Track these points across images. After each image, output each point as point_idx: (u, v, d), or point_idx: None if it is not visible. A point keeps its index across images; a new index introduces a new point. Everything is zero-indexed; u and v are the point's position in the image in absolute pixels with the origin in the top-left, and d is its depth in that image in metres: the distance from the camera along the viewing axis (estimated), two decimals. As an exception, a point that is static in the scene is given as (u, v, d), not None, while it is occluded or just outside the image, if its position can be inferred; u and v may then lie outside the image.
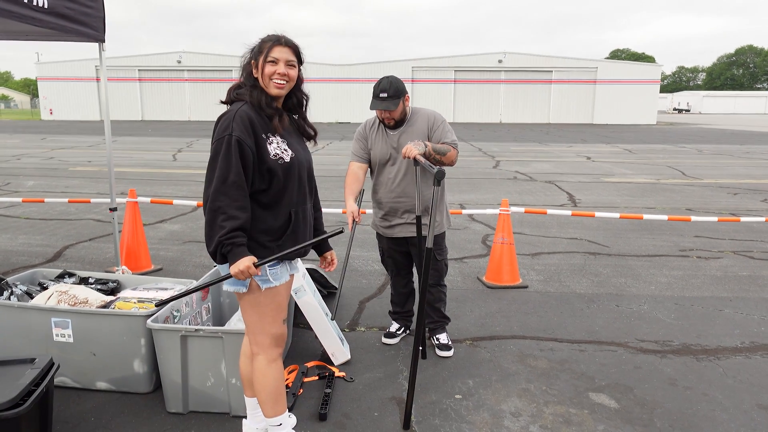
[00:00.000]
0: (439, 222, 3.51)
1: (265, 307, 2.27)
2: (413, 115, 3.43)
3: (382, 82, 3.28)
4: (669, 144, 22.49)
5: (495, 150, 19.09)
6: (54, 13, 3.65)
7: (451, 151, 3.32)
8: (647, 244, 6.44)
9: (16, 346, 2.99)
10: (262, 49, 2.22)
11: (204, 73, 43.21)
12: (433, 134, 3.37)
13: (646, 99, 42.89)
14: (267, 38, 2.24)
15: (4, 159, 15.07)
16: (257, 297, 2.25)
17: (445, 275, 3.66)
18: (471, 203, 8.89)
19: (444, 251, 3.62)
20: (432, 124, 3.38)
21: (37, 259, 5.61)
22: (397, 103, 3.26)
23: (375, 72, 41.48)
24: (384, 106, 3.25)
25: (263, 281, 2.23)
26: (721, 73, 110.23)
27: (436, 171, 2.57)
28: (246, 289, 2.23)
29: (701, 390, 3.13)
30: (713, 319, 4.19)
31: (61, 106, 44.33)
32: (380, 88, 3.26)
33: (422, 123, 3.39)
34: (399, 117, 3.35)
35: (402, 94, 3.28)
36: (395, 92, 3.25)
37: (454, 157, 3.35)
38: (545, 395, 3.06)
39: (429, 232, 2.61)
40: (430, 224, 2.60)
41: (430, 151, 3.20)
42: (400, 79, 3.36)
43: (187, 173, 12.52)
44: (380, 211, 3.55)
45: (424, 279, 2.71)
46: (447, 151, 3.30)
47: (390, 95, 3.24)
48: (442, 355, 3.55)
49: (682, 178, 12.34)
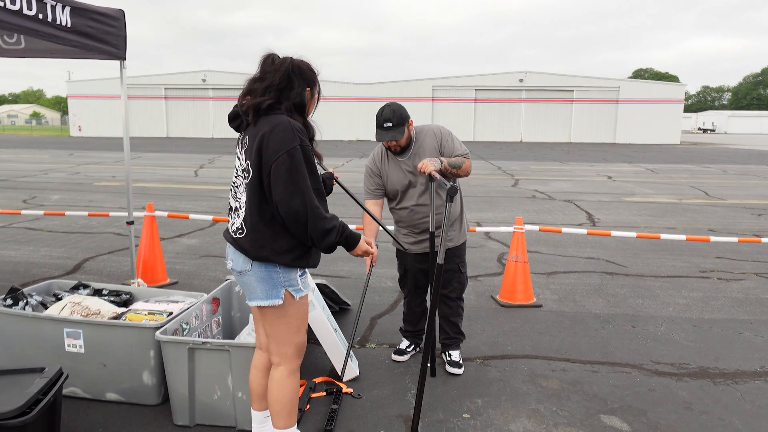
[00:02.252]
0: (454, 235, 3.51)
1: (292, 317, 2.30)
2: (418, 135, 3.40)
3: (385, 112, 3.22)
4: (693, 164, 22.16)
5: (514, 169, 19.02)
6: (76, 31, 3.76)
7: (465, 162, 3.33)
8: (666, 264, 6.32)
9: (29, 356, 3.04)
10: (316, 83, 2.31)
11: (227, 91, 43.94)
12: (443, 149, 3.35)
13: (670, 118, 42.42)
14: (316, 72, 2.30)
15: (32, 174, 15.46)
16: (286, 308, 2.27)
17: (465, 289, 3.67)
18: (488, 221, 8.84)
19: (466, 264, 3.63)
20: (440, 139, 3.36)
21: (57, 271, 5.72)
22: (402, 131, 3.23)
23: (396, 91, 41.84)
24: (390, 137, 3.22)
25: (296, 291, 2.27)
26: (747, 92, 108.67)
27: (449, 187, 2.54)
28: (282, 301, 2.24)
29: (717, 415, 3.04)
30: (732, 343, 4.08)
31: (89, 123, 45.47)
32: (383, 118, 3.22)
33: (430, 140, 3.37)
34: (405, 143, 3.32)
35: (405, 120, 3.24)
36: (399, 120, 3.21)
37: (469, 167, 3.37)
38: (555, 416, 3.00)
39: (441, 247, 2.57)
40: (442, 239, 2.57)
41: (446, 166, 3.20)
42: (401, 104, 3.31)
43: (208, 189, 12.69)
44: (403, 229, 3.56)
45: (434, 294, 2.67)
46: (461, 163, 3.30)
47: (394, 124, 3.21)
48: (452, 371, 3.52)
49: (706, 198, 12.13)
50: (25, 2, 3.22)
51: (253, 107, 2.19)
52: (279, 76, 2.20)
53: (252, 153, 2.16)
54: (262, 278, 2.22)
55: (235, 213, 2.30)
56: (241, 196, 2.26)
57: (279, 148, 2.10)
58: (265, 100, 2.18)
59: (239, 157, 2.29)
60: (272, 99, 2.19)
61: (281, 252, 2.19)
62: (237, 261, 2.25)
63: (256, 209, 2.18)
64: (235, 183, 2.31)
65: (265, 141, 2.12)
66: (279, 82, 2.20)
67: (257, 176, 2.16)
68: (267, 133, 2.13)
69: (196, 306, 3.22)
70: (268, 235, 2.18)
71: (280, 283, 2.23)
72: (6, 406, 2.20)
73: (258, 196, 2.17)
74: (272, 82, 2.19)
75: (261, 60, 2.25)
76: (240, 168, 2.27)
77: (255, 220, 2.18)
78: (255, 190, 2.17)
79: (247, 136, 2.23)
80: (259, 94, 2.20)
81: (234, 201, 2.32)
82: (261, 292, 2.23)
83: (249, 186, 2.19)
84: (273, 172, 2.11)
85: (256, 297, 2.25)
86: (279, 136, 2.11)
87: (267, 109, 2.18)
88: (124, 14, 4.25)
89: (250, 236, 2.20)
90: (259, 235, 2.18)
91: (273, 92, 2.19)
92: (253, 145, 2.16)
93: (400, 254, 3.69)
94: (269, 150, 2.11)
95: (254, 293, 2.25)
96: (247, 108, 2.20)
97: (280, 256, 2.19)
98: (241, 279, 2.28)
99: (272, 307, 2.26)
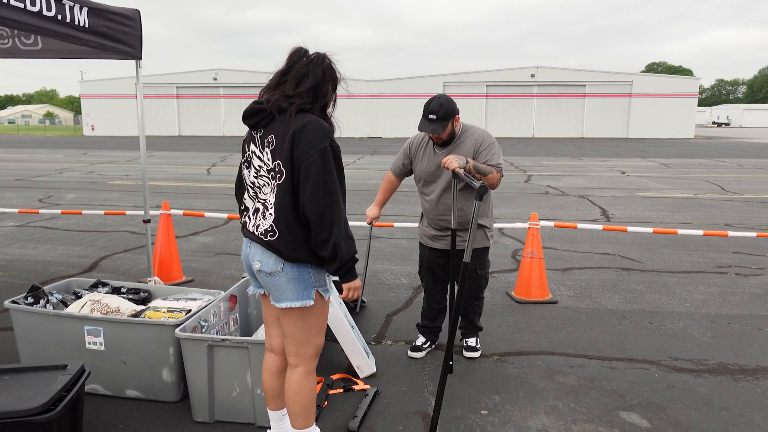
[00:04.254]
0: (480, 237, 3.51)
1: (314, 317, 2.27)
2: (463, 133, 3.40)
3: (432, 103, 3.24)
4: (707, 158, 21.92)
5: (527, 164, 18.93)
6: (94, 32, 3.79)
7: (494, 173, 3.27)
8: (683, 260, 6.26)
9: (51, 353, 3.08)
10: (339, 82, 2.25)
11: (238, 89, 44.12)
12: (478, 155, 3.33)
13: (684, 113, 41.94)
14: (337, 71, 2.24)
15: (47, 173, 15.63)
16: (312, 309, 2.24)
17: (485, 288, 3.71)
18: (502, 218, 8.81)
19: (486, 265, 3.65)
20: (479, 145, 3.34)
21: (74, 269, 5.78)
22: (445, 126, 3.24)
23: (407, 87, 41.75)
24: (431, 129, 3.25)
25: (325, 291, 2.26)
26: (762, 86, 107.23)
27: (479, 185, 2.46)
28: (313, 302, 2.21)
29: (738, 411, 3.02)
30: (752, 338, 4.04)
31: (102, 123, 45.87)
32: (429, 109, 3.23)
33: (470, 143, 3.36)
34: (447, 137, 3.34)
35: (451, 116, 3.25)
36: (444, 114, 3.22)
37: (496, 180, 3.30)
38: (573, 413, 2.99)
39: (467, 247, 2.52)
40: (469, 240, 2.51)
41: (471, 168, 3.18)
42: (452, 98, 3.31)
43: (221, 187, 12.76)
44: (425, 221, 3.63)
45: (459, 294, 2.61)
46: (489, 172, 3.25)
47: (438, 117, 3.22)
48: (467, 355, 3.66)
49: (721, 193, 12.00)
50: (44, 3, 3.25)
51: (282, 104, 2.12)
52: (316, 73, 2.15)
53: (283, 152, 2.10)
54: (294, 279, 2.17)
55: (260, 215, 2.21)
56: (266, 197, 2.19)
57: (310, 148, 2.06)
58: (301, 100, 2.13)
59: (259, 156, 2.19)
60: (307, 98, 2.14)
61: (314, 253, 2.16)
62: (267, 262, 2.18)
63: (290, 211, 2.11)
64: (255, 183, 2.22)
65: (297, 139, 2.07)
66: (313, 80, 2.14)
67: (290, 176, 2.10)
68: (298, 131, 2.08)
69: (214, 303, 3.24)
70: (303, 236, 2.13)
71: (311, 283, 2.19)
72: (31, 402, 2.23)
73: (291, 197, 2.11)
74: (305, 78, 2.14)
75: (290, 53, 2.18)
76: (264, 168, 2.18)
77: (290, 222, 2.12)
78: (288, 191, 2.11)
79: (272, 134, 2.15)
80: (292, 89, 2.13)
81: (253, 201, 2.25)
82: (292, 293, 2.18)
83: (281, 187, 2.12)
84: (303, 171, 2.07)
85: (286, 298, 2.19)
86: (310, 135, 2.07)
87: (299, 107, 2.12)
88: (139, 14, 4.28)
89: (285, 238, 2.13)
90: (295, 236, 2.13)
91: (307, 90, 2.14)
92: (283, 144, 2.10)
93: (421, 245, 3.75)
94: (300, 149, 2.07)
95: (284, 294, 2.19)
96: (275, 105, 2.12)
97: (315, 256, 2.16)
98: (270, 280, 2.20)
99: (299, 308, 2.22)
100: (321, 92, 2.18)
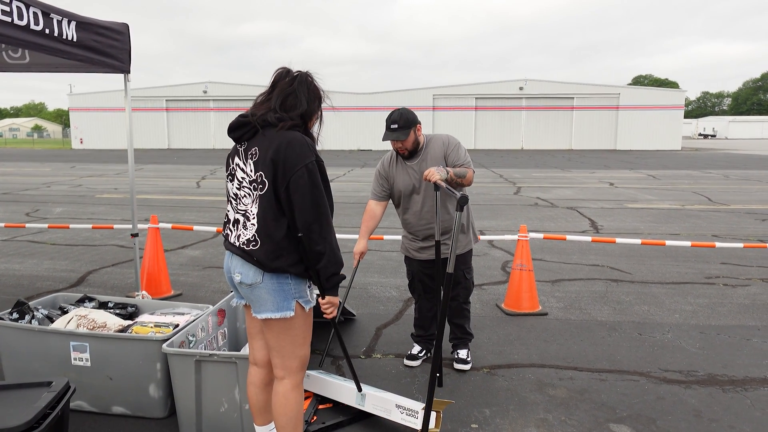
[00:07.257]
0: (464, 242, 3.59)
1: (298, 330, 2.29)
2: (428, 142, 3.53)
3: (393, 114, 3.42)
4: (694, 170, 22.16)
5: (516, 176, 19.03)
6: (82, 46, 3.79)
7: (468, 172, 3.42)
8: (671, 271, 6.30)
9: (36, 369, 3.03)
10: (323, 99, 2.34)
11: (228, 102, 44.09)
12: (448, 157, 3.46)
13: (670, 124, 42.44)
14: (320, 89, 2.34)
15: (34, 186, 15.50)
16: (294, 321, 2.26)
17: (471, 293, 3.76)
18: (491, 229, 8.83)
19: (472, 269, 3.72)
20: (447, 147, 3.49)
21: (61, 284, 5.71)
22: (407, 133, 3.38)
23: (396, 100, 41.92)
24: (395, 137, 3.38)
25: (306, 302, 2.28)
26: (747, 98, 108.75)
27: (460, 197, 2.55)
28: (293, 313, 2.24)
29: (728, 422, 3.02)
30: (740, 349, 4.06)
31: (91, 136, 45.58)
32: (391, 119, 3.41)
33: (438, 148, 3.49)
34: (411, 147, 3.46)
35: (412, 124, 3.39)
36: (405, 123, 3.37)
37: (471, 177, 3.46)
38: (564, 426, 2.99)
39: (450, 255, 2.55)
40: (452, 248, 2.54)
41: (452, 176, 3.29)
42: (413, 110, 3.48)
43: (210, 200, 12.70)
44: (410, 235, 3.67)
45: (443, 303, 2.63)
46: (465, 173, 3.40)
47: (400, 126, 3.37)
48: (458, 368, 3.66)
49: (708, 204, 12.12)
50: (32, 18, 3.24)
51: (267, 118, 2.21)
52: (301, 96, 2.25)
53: (266, 164, 2.16)
54: (273, 290, 2.21)
55: (240, 225, 2.26)
56: (247, 207, 2.23)
57: (297, 162, 2.14)
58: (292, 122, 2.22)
59: (242, 168, 2.25)
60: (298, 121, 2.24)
61: (294, 263, 2.20)
62: (247, 274, 2.22)
63: (272, 220, 2.17)
64: (237, 195, 2.28)
65: (281, 154, 2.14)
66: (301, 105, 2.25)
67: (272, 188, 2.16)
68: (283, 146, 2.15)
69: (201, 318, 3.22)
70: (284, 246, 2.18)
71: (291, 294, 2.22)
72: (14, 420, 2.19)
73: (274, 207, 2.17)
74: (290, 96, 2.24)
75: (275, 73, 2.29)
76: (247, 179, 2.23)
77: (270, 231, 2.17)
78: (270, 202, 2.17)
79: (255, 147, 2.22)
80: (274, 106, 2.23)
81: (235, 213, 2.29)
82: (272, 305, 2.21)
83: (263, 198, 2.18)
84: (292, 185, 2.13)
85: (266, 309, 2.23)
86: (296, 150, 2.15)
87: (278, 121, 2.21)
88: (128, 28, 4.28)
89: (265, 247, 2.18)
90: (275, 246, 2.17)
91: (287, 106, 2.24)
92: (266, 157, 2.16)
93: (408, 260, 3.77)
94: (287, 163, 2.14)
95: (264, 306, 2.23)
96: (260, 118, 2.22)
97: (294, 266, 2.19)
98: (250, 292, 2.25)
99: (280, 320, 2.24)
100: (308, 114, 2.29)
